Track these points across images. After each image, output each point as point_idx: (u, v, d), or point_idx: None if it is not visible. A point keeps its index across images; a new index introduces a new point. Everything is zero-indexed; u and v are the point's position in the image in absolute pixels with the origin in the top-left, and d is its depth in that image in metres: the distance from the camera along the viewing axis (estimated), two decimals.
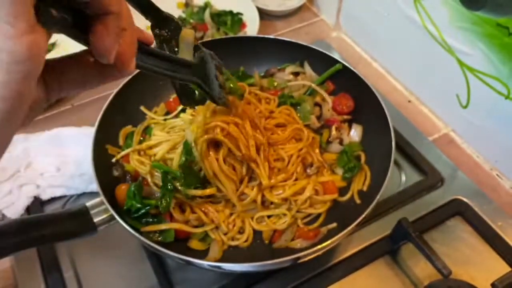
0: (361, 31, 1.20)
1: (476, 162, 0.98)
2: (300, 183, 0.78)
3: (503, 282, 0.71)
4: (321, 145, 0.87)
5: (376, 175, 0.80)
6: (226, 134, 0.72)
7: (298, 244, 0.75)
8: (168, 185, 0.73)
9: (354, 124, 0.90)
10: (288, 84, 0.94)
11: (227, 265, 0.71)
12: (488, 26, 0.81)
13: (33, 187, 0.88)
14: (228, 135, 0.72)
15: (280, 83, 0.95)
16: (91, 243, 0.76)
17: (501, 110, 0.86)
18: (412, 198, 0.88)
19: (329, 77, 0.95)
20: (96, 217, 0.67)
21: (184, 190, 0.73)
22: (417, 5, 0.96)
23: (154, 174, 0.78)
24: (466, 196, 0.87)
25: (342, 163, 0.84)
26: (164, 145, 0.81)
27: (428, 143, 0.98)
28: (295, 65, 0.97)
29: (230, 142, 0.72)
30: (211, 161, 0.72)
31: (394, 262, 0.79)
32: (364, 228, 0.83)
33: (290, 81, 0.95)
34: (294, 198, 0.78)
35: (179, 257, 0.65)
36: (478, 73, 0.88)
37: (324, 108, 0.91)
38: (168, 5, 1.26)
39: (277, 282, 0.76)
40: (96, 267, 0.80)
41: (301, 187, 0.78)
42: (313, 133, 0.87)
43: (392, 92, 1.11)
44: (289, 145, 0.82)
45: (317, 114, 0.91)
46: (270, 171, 0.77)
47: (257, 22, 1.21)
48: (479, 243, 0.82)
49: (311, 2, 1.36)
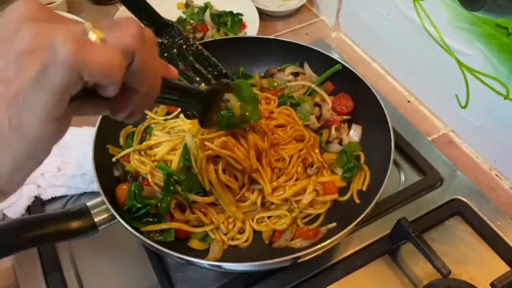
0: (361, 31, 1.20)
1: (475, 162, 0.98)
2: (300, 183, 0.79)
3: (502, 281, 0.71)
4: (320, 145, 0.87)
5: (375, 175, 0.81)
6: (224, 147, 0.72)
7: (298, 244, 0.75)
8: (171, 187, 0.74)
9: (354, 124, 0.90)
10: (287, 84, 0.95)
11: (227, 264, 0.71)
12: (487, 26, 0.81)
13: (34, 187, 0.88)
14: (227, 147, 0.72)
15: (280, 84, 0.95)
16: (91, 242, 0.76)
17: (500, 110, 0.87)
18: (412, 198, 0.88)
19: (329, 77, 0.95)
20: (96, 217, 0.67)
21: (185, 194, 0.74)
22: (416, 6, 0.96)
23: (155, 174, 0.78)
24: (465, 196, 0.88)
25: (342, 163, 0.84)
26: (165, 145, 0.81)
27: (428, 143, 0.98)
28: (294, 66, 0.98)
29: (230, 153, 0.72)
30: (209, 172, 0.73)
31: (394, 261, 0.80)
32: (364, 228, 0.83)
33: (290, 82, 0.95)
34: (294, 198, 0.78)
35: (179, 257, 0.66)
36: (477, 74, 0.88)
37: (324, 108, 0.91)
38: (168, 6, 1.26)
39: (277, 281, 0.76)
40: (96, 267, 0.80)
41: (302, 187, 0.78)
42: (313, 134, 0.87)
43: (392, 92, 1.12)
44: (289, 146, 0.82)
45: (317, 114, 0.91)
46: (271, 171, 0.78)
47: (257, 22, 1.21)
48: (478, 242, 0.82)
49: (310, 3, 1.36)
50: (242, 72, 0.97)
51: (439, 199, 0.88)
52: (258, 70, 0.98)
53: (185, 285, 0.77)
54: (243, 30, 1.24)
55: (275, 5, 1.31)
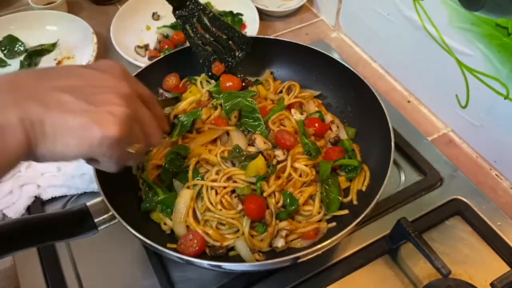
0: (361, 31, 1.20)
1: (475, 162, 0.98)
2: (307, 190, 0.78)
3: (502, 281, 0.71)
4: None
5: (375, 175, 0.81)
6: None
7: (298, 244, 0.75)
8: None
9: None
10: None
11: (227, 264, 0.71)
12: (487, 26, 0.81)
13: (33, 186, 0.88)
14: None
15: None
16: (91, 242, 0.76)
17: (501, 110, 0.87)
18: (412, 198, 0.88)
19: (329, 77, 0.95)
20: (96, 217, 0.67)
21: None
22: (416, 6, 0.96)
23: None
24: (465, 196, 0.88)
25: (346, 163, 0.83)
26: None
27: (428, 143, 0.98)
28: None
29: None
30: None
31: (394, 261, 0.80)
32: (364, 228, 0.83)
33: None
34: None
35: (179, 257, 0.66)
36: (477, 73, 0.88)
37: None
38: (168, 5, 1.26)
39: (277, 281, 0.76)
40: (96, 267, 0.80)
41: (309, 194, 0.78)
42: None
43: (392, 92, 1.12)
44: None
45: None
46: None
47: (257, 22, 1.21)
48: (478, 242, 0.82)
49: (310, 3, 1.36)
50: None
51: (439, 199, 0.88)
52: (258, 70, 0.98)
53: (185, 285, 0.77)
54: (243, 30, 1.24)
55: (275, 5, 1.31)
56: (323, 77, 0.96)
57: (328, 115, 0.92)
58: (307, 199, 0.78)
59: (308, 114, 0.90)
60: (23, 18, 1.25)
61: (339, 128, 0.89)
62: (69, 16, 1.25)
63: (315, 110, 0.92)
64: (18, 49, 1.20)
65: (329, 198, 0.78)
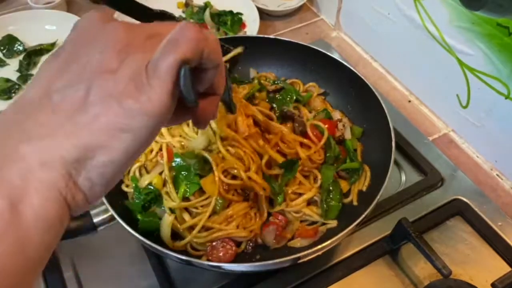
0: (361, 31, 1.20)
1: (476, 162, 0.98)
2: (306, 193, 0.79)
3: (503, 282, 0.70)
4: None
5: (376, 175, 0.80)
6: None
7: (298, 243, 0.75)
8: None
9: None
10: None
11: (227, 265, 0.70)
12: (488, 26, 0.81)
13: None
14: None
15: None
16: (91, 243, 0.76)
17: (501, 110, 0.86)
18: (412, 198, 0.88)
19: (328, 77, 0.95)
20: (96, 217, 0.67)
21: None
22: (417, 5, 0.96)
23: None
24: (466, 196, 0.87)
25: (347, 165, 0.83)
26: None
27: (428, 143, 0.98)
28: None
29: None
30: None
31: (394, 262, 0.79)
32: (364, 228, 0.83)
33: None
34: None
35: (179, 257, 0.65)
36: (478, 73, 0.88)
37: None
38: (168, 5, 1.26)
39: (277, 282, 0.76)
40: (96, 267, 0.80)
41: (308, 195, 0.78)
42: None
43: (392, 92, 1.11)
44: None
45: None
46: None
47: (257, 22, 1.21)
48: (479, 243, 0.82)
49: (311, 2, 1.36)
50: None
51: (439, 199, 0.87)
52: (258, 70, 0.98)
53: (185, 285, 0.77)
54: (243, 29, 1.24)
55: (275, 4, 1.31)
56: (323, 77, 0.96)
57: (336, 112, 0.92)
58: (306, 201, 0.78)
59: (316, 112, 0.90)
60: (22, 17, 1.25)
61: (344, 127, 0.88)
62: (68, 15, 1.25)
63: (321, 107, 0.92)
64: (17, 48, 1.19)
65: (328, 206, 0.78)
